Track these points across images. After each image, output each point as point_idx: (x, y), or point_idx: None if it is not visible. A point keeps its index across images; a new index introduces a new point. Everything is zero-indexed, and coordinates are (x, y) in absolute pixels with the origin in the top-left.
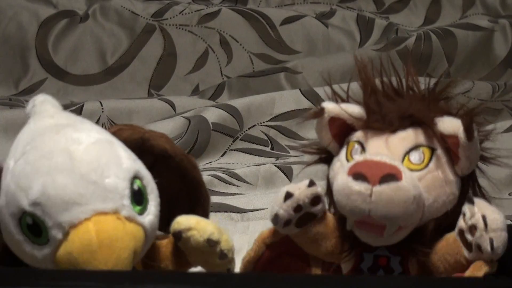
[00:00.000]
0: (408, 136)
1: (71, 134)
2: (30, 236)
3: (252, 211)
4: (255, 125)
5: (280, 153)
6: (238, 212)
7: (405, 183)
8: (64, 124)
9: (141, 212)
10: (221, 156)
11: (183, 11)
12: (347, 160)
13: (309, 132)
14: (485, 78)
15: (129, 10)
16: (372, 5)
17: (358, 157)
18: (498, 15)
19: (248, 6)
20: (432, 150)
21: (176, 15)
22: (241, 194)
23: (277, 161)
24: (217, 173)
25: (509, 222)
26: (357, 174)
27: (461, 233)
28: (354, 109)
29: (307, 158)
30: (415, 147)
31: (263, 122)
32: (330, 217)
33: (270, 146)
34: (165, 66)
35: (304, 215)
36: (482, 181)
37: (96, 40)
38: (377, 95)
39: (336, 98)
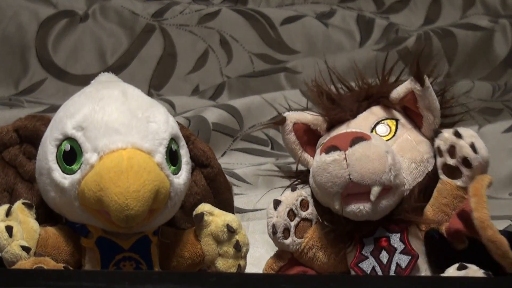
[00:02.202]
0: (368, 115)
1: (131, 87)
2: (62, 165)
3: (252, 211)
4: (255, 125)
5: (280, 153)
6: (238, 212)
7: (374, 141)
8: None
9: (173, 173)
10: (221, 156)
11: (183, 11)
12: None
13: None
14: (485, 78)
15: (129, 10)
16: (372, 5)
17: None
18: (498, 15)
19: (248, 6)
20: (396, 121)
21: (176, 15)
22: (241, 194)
23: (277, 161)
24: None
25: (509, 222)
26: (328, 148)
27: (444, 166)
28: (314, 113)
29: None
30: (379, 122)
31: (263, 122)
32: (324, 224)
33: (270, 146)
34: (165, 66)
35: (300, 223)
36: None
37: (96, 40)
38: (332, 96)
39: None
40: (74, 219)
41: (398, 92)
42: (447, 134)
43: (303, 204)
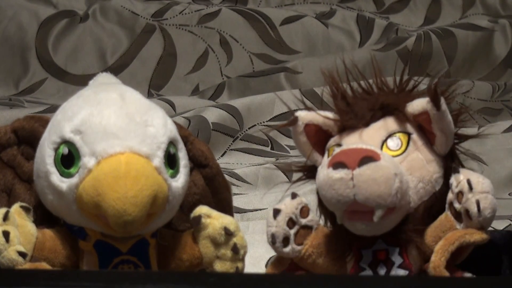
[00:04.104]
0: (381, 126)
1: (129, 90)
2: (60, 168)
3: (252, 211)
4: (255, 125)
5: (280, 153)
6: (238, 212)
7: (383, 162)
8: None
9: (171, 176)
10: (221, 156)
11: (183, 11)
12: None
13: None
14: (485, 78)
15: (129, 10)
16: (372, 5)
17: (336, 151)
18: (498, 15)
19: (248, 6)
20: (408, 135)
21: (176, 15)
22: (241, 194)
23: (277, 161)
24: None
25: (508, 222)
26: (336, 163)
27: (451, 205)
28: (327, 114)
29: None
30: (391, 135)
31: (263, 122)
32: (324, 227)
33: (270, 146)
34: (165, 66)
35: (300, 230)
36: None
37: (96, 40)
38: (347, 97)
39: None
40: (72, 222)
41: (413, 108)
42: (462, 177)
43: (303, 212)
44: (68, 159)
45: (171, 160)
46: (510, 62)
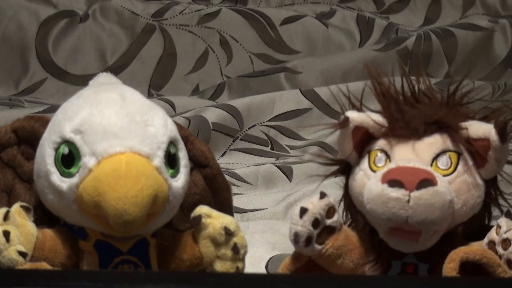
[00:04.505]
0: (435, 142)
1: (129, 90)
2: (61, 168)
3: (252, 211)
4: (255, 125)
5: (280, 153)
6: (238, 212)
7: (441, 188)
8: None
9: (171, 176)
10: (221, 156)
11: (183, 11)
12: (371, 169)
13: (308, 132)
14: (485, 78)
15: (129, 10)
16: (372, 5)
17: (389, 165)
18: (498, 15)
19: (248, 6)
20: (459, 155)
21: (176, 15)
22: (241, 194)
23: (277, 161)
24: None
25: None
26: (393, 181)
27: (491, 244)
28: (377, 117)
29: (308, 158)
30: (442, 152)
31: (263, 122)
32: (348, 229)
33: (270, 146)
34: (165, 66)
35: (323, 230)
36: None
37: (96, 40)
38: (398, 103)
39: (355, 107)
40: (72, 222)
41: (474, 132)
42: None
43: (330, 212)
44: (69, 159)
45: (171, 160)
46: (510, 62)
